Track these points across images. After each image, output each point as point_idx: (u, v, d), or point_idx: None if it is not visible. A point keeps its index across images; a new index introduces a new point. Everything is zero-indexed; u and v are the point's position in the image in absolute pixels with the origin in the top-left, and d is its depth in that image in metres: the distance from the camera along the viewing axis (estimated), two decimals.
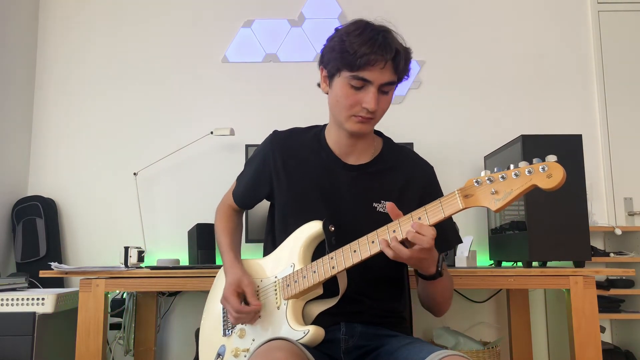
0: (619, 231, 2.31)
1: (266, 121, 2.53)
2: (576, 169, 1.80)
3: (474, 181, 0.98)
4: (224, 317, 1.29)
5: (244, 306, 1.19)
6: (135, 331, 2.25)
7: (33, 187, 2.52)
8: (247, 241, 2.20)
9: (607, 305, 2.24)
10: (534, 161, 0.93)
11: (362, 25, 1.17)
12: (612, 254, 2.32)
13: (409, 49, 1.20)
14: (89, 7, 2.65)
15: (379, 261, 1.10)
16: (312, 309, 1.19)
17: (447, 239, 1.27)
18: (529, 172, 0.92)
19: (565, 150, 1.83)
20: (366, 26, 1.17)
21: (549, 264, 1.89)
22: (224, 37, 2.62)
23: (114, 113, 2.58)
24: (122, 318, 2.25)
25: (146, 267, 1.91)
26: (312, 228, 1.19)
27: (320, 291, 1.18)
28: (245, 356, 1.20)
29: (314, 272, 1.14)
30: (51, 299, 1.83)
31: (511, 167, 0.95)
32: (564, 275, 1.73)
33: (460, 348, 2.09)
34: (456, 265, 2.00)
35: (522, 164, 0.93)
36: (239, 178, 1.43)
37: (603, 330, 2.33)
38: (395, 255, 1.03)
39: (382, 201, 1.25)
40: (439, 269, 1.11)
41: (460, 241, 1.35)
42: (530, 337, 2.27)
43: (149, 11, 2.65)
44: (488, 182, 0.96)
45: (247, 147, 2.32)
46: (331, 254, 1.12)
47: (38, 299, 1.82)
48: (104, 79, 2.60)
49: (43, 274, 1.79)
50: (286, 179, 1.30)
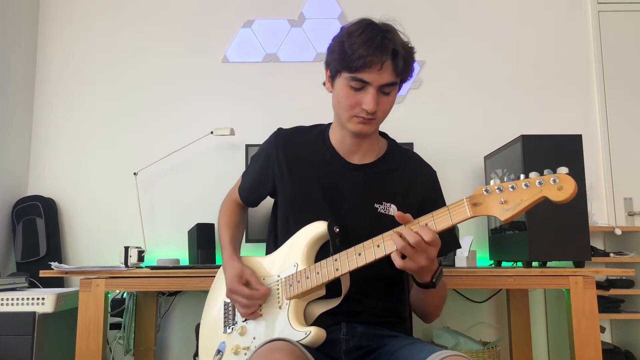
0: (618, 231, 2.31)
1: (266, 121, 2.53)
2: (576, 169, 1.80)
3: (483, 190, 0.97)
4: (224, 313, 1.29)
5: (254, 291, 1.19)
6: (135, 331, 2.25)
7: (33, 187, 2.52)
8: (248, 241, 2.19)
9: (607, 305, 2.24)
10: (545, 172, 0.92)
11: (364, 25, 1.16)
12: (612, 254, 2.32)
13: (412, 49, 1.19)
14: (89, 7, 2.65)
15: (380, 262, 1.09)
16: (314, 309, 1.19)
17: (446, 244, 1.27)
18: (540, 183, 0.91)
19: (565, 150, 1.84)
20: (367, 26, 1.16)
21: (548, 264, 1.89)
22: (224, 37, 2.62)
23: (114, 113, 2.58)
24: (122, 318, 2.25)
25: (146, 267, 1.91)
26: (317, 229, 1.19)
27: (323, 292, 1.18)
28: (245, 354, 1.20)
29: (317, 273, 1.14)
30: (51, 299, 1.83)
31: (521, 177, 0.94)
32: (563, 275, 1.73)
33: (460, 348, 2.09)
34: (456, 265, 2.00)
35: (532, 174, 0.92)
36: (244, 175, 1.44)
37: (603, 330, 2.33)
38: (404, 264, 1.03)
39: (383, 202, 1.25)
40: (433, 280, 1.10)
41: (458, 246, 1.35)
42: (530, 337, 2.27)
43: (149, 11, 2.65)
44: (498, 191, 0.95)
45: (247, 147, 2.33)
46: (335, 256, 1.12)
47: (38, 298, 1.82)
48: (104, 79, 2.60)
49: (43, 273, 1.79)
50: (289, 177, 1.30)
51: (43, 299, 1.83)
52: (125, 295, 2.26)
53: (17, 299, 1.82)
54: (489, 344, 2.15)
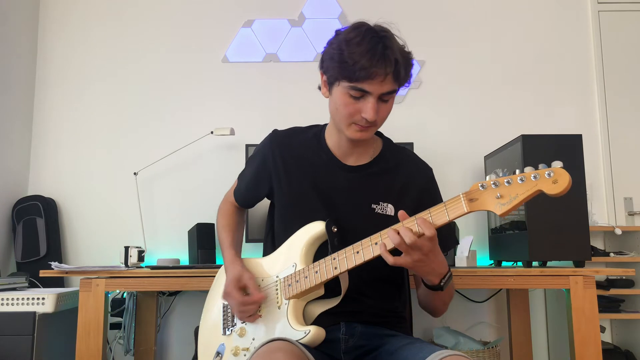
0: (619, 231, 2.31)
1: (266, 121, 2.53)
2: (576, 169, 1.80)
3: (479, 185, 0.98)
4: (223, 315, 1.29)
5: (247, 297, 1.19)
6: (136, 331, 2.25)
7: (33, 187, 2.52)
8: (248, 241, 2.20)
9: (607, 305, 2.24)
10: (540, 167, 0.93)
11: (362, 32, 1.13)
12: (612, 254, 2.32)
13: (410, 55, 1.17)
14: (89, 7, 2.65)
15: (379, 261, 1.09)
16: (313, 309, 1.19)
17: (444, 241, 1.26)
18: (535, 177, 0.92)
19: (565, 150, 1.83)
20: (366, 33, 1.13)
21: (548, 263, 1.89)
22: (224, 37, 2.62)
23: (114, 113, 2.58)
24: (122, 318, 2.25)
25: (146, 267, 1.91)
26: (315, 228, 1.19)
27: (322, 292, 1.18)
28: (245, 355, 1.20)
29: (316, 272, 1.14)
30: (51, 299, 1.83)
31: (517, 172, 0.95)
32: (564, 275, 1.73)
33: (460, 348, 2.09)
34: (456, 265, 2.00)
35: (527, 169, 0.93)
36: (240, 177, 1.43)
37: (603, 330, 2.33)
38: (395, 261, 1.03)
39: (380, 202, 1.25)
40: (441, 283, 1.11)
41: (456, 243, 1.35)
42: (530, 337, 2.27)
43: (149, 11, 2.65)
44: (493, 186, 0.96)
45: (247, 147, 2.33)
46: (334, 255, 1.12)
47: (38, 298, 1.82)
48: (104, 79, 2.60)
49: (43, 273, 1.79)
50: (286, 178, 1.30)
51: (43, 298, 1.83)
52: (125, 295, 2.27)
53: (17, 298, 1.82)
54: (489, 344, 2.15)
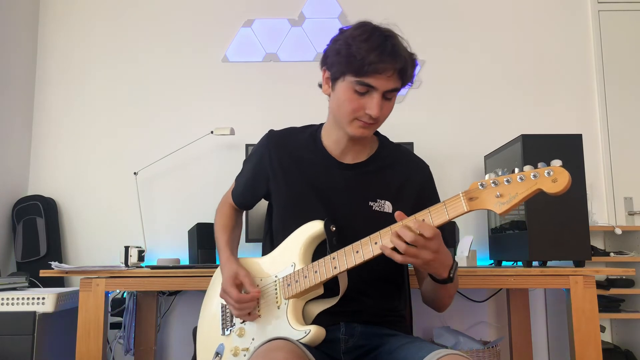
0: (619, 231, 2.31)
1: (266, 121, 2.50)
2: (576, 169, 1.80)
3: (479, 184, 0.98)
4: (222, 315, 1.29)
5: (244, 295, 1.19)
6: (136, 331, 2.25)
7: (33, 187, 2.52)
8: (247, 241, 2.20)
9: (607, 304, 2.24)
10: (539, 165, 0.92)
11: (369, 29, 1.15)
12: (612, 254, 2.32)
13: (414, 55, 1.19)
14: (89, 6, 2.65)
15: (378, 260, 1.09)
16: (312, 308, 1.19)
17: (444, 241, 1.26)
18: (534, 176, 0.92)
19: (565, 150, 1.84)
20: (373, 31, 1.15)
21: (549, 263, 1.89)
22: (224, 37, 2.62)
23: (114, 113, 2.58)
24: (122, 317, 2.25)
25: (146, 267, 1.90)
26: (313, 228, 1.19)
27: (321, 291, 1.18)
28: (244, 355, 1.19)
29: (315, 272, 1.14)
30: (51, 299, 1.83)
31: (516, 170, 0.94)
32: (564, 275, 1.73)
33: (460, 347, 2.09)
34: None
35: (527, 168, 0.93)
36: (238, 178, 1.44)
37: (603, 329, 2.33)
38: (404, 259, 1.02)
39: (378, 200, 1.25)
40: (450, 275, 1.09)
41: (455, 242, 1.35)
42: (530, 337, 2.27)
43: (149, 11, 2.65)
44: (493, 185, 0.96)
45: (247, 146, 2.33)
46: (333, 254, 1.12)
47: (38, 298, 1.82)
48: (104, 79, 2.60)
49: (43, 273, 1.79)
50: (283, 178, 1.30)
51: (43, 298, 1.82)
52: (125, 294, 2.26)
53: (17, 298, 1.82)
54: (489, 344, 2.15)
